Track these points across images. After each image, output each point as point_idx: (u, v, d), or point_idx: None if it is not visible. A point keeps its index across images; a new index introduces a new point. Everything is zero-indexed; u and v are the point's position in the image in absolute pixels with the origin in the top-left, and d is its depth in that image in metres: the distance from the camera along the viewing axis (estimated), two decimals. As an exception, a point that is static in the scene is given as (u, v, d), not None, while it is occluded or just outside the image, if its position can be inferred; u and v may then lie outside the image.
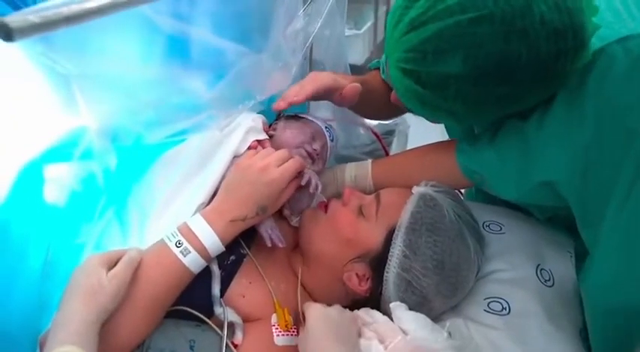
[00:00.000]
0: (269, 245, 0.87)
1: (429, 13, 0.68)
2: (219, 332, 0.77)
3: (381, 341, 0.74)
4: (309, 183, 0.90)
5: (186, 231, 0.77)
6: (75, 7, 0.49)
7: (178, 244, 0.75)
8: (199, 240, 0.76)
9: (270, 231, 0.87)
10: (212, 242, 0.77)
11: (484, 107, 0.74)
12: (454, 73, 0.69)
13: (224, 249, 0.80)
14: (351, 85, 0.93)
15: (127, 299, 0.70)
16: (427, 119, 0.87)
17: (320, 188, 0.93)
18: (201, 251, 0.76)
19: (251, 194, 0.81)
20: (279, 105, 0.89)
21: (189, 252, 0.75)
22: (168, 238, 0.76)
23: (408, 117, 1.43)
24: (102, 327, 0.66)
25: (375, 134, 1.29)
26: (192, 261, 0.76)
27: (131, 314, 0.71)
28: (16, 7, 0.78)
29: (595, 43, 0.72)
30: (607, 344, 0.74)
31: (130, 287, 0.70)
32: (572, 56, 0.68)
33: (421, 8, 0.69)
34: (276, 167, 0.83)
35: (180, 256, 0.75)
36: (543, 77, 0.69)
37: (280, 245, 0.88)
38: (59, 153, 0.80)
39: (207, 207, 0.82)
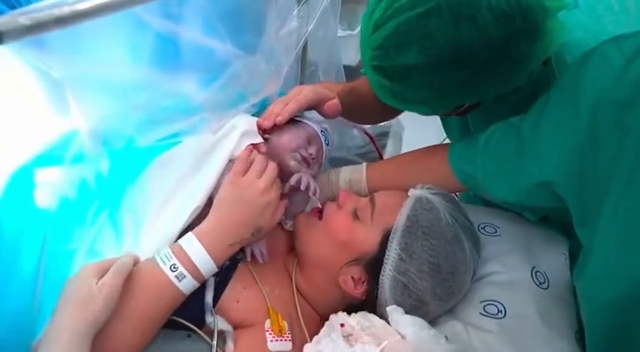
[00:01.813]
0: (248, 259, 0.88)
1: (388, 12, 0.74)
2: (209, 341, 0.76)
3: (378, 345, 0.74)
4: (308, 186, 0.90)
5: (181, 254, 0.75)
6: (66, 9, 0.49)
7: (173, 268, 0.74)
8: (195, 266, 0.75)
9: (252, 247, 0.88)
10: (209, 268, 0.77)
11: (448, 92, 0.78)
12: (413, 63, 0.73)
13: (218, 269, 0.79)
14: (331, 103, 0.96)
15: (120, 320, 0.69)
16: (406, 109, 0.90)
17: (319, 192, 0.92)
18: (197, 276, 0.76)
19: (250, 215, 0.81)
20: (264, 124, 0.91)
21: (185, 276, 0.74)
22: (162, 261, 0.74)
23: (403, 119, 1.42)
24: (95, 340, 0.65)
25: (369, 136, 1.28)
26: (187, 285, 0.75)
27: (124, 335, 0.70)
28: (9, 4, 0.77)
29: (583, 37, 0.76)
30: (604, 341, 0.74)
31: (124, 309, 0.69)
32: (525, 38, 0.71)
33: (382, 9, 0.75)
34: (272, 187, 0.83)
35: (175, 281, 0.73)
36: (499, 59, 0.72)
37: (260, 261, 0.88)
38: (50, 156, 0.79)
39: (203, 226, 0.79)
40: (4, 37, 0.43)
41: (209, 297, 0.80)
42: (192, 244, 0.76)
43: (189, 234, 0.78)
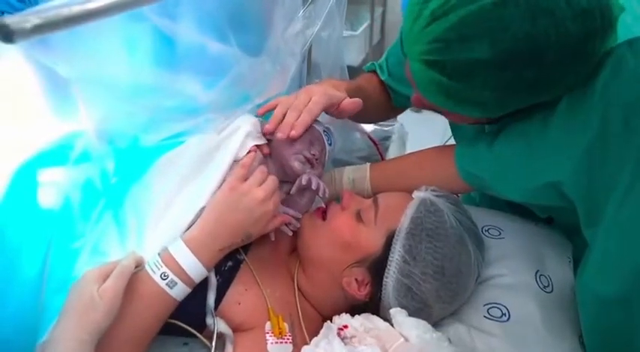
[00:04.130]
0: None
1: (451, 2, 0.67)
2: (207, 343, 0.76)
3: (382, 348, 0.74)
4: (317, 187, 0.90)
5: (171, 262, 0.75)
6: (76, 9, 0.49)
7: (164, 276, 0.73)
8: (185, 272, 0.75)
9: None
10: (199, 273, 0.76)
11: (513, 94, 0.71)
12: (481, 58, 0.67)
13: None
14: (351, 101, 0.92)
15: (115, 330, 0.68)
16: (447, 115, 0.84)
17: (327, 192, 0.92)
18: (188, 281, 0.76)
19: (244, 223, 0.80)
20: (277, 136, 0.88)
21: (176, 283, 0.74)
22: (152, 270, 0.74)
23: (406, 123, 1.42)
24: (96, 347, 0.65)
25: (373, 140, 1.28)
26: (179, 291, 0.75)
27: (120, 344, 0.71)
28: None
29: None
30: (602, 339, 0.75)
31: (119, 320, 0.68)
32: (601, 36, 0.66)
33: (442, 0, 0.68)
34: (270, 199, 0.82)
35: (166, 288, 0.73)
36: (573, 59, 0.67)
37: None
38: (55, 156, 0.79)
39: (193, 231, 0.79)
40: (15, 36, 0.43)
41: (211, 299, 0.80)
42: (181, 250, 0.76)
43: (178, 239, 0.77)
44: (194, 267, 0.76)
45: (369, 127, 1.36)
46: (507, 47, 0.65)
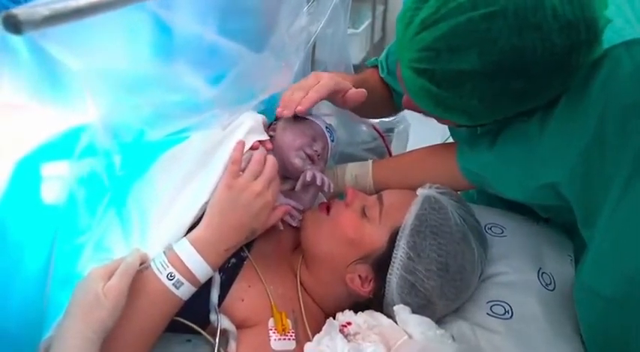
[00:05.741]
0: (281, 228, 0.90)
1: (441, 11, 0.68)
2: (211, 340, 0.76)
3: (386, 345, 0.74)
4: (322, 183, 0.90)
5: (177, 262, 0.75)
6: (84, 1, 0.49)
7: (170, 277, 0.74)
8: (192, 273, 0.75)
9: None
10: (205, 273, 0.77)
11: (500, 103, 0.73)
12: (469, 69, 0.68)
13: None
14: (356, 91, 0.93)
15: (121, 329, 0.68)
16: (438, 120, 0.85)
17: (332, 187, 0.92)
18: (194, 281, 0.76)
19: (246, 219, 0.80)
20: (283, 113, 0.88)
21: (182, 283, 0.74)
22: (159, 269, 0.74)
23: (409, 115, 1.42)
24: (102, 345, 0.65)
25: (378, 131, 1.28)
26: (185, 291, 0.75)
27: (126, 343, 0.71)
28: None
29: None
30: (598, 339, 0.75)
31: (124, 318, 0.68)
32: (585, 49, 0.67)
33: (432, 8, 0.69)
34: (267, 189, 0.82)
35: (172, 289, 0.74)
36: (558, 71, 0.68)
37: (294, 224, 0.90)
38: (58, 149, 0.79)
39: (198, 232, 0.79)
40: (24, 26, 0.43)
41: (214, 296, 0.80)
42: (187, 251, 0.76)
43: (184, 239, 0.77)
44: (200, 268, 0.76)
45: (374, 119, 1.36)
46: (495, 59, 0.66)
